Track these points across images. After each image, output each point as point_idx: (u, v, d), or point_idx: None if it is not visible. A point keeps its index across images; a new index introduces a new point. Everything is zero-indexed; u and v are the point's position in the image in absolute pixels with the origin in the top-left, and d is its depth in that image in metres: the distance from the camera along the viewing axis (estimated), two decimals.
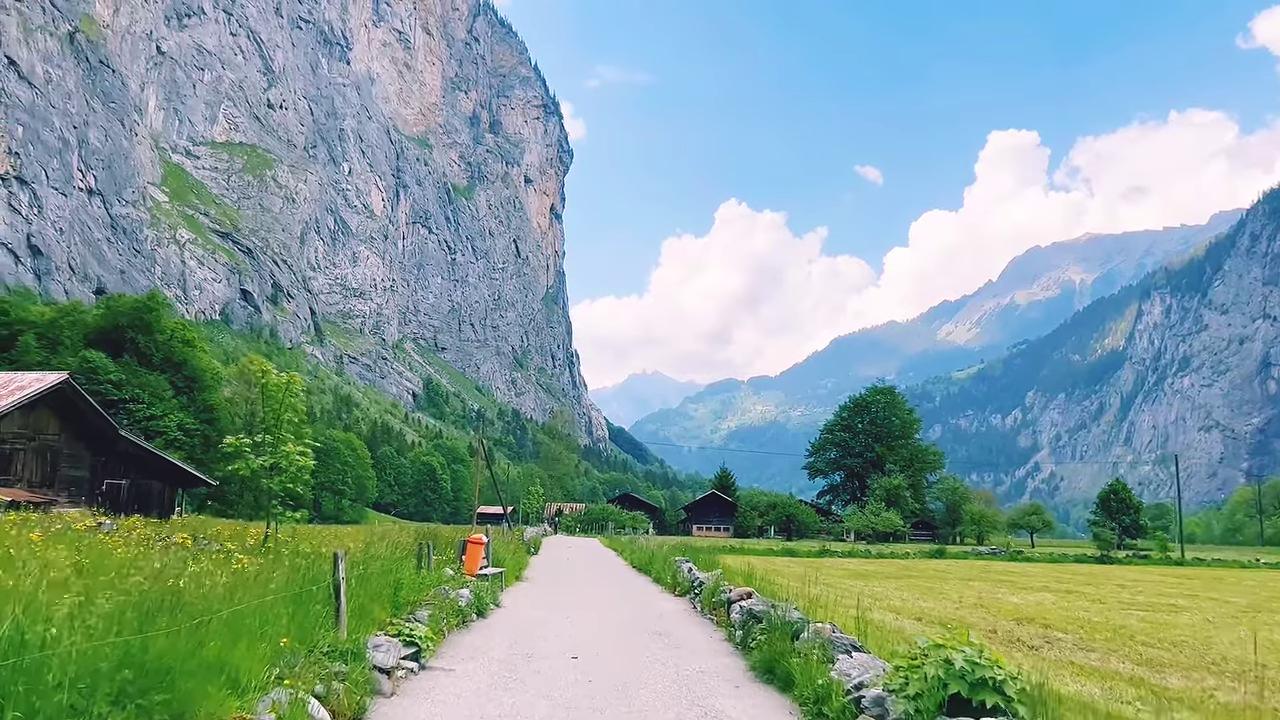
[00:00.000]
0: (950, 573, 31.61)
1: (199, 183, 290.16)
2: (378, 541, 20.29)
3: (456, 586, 14.25)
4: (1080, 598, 21.65)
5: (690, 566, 20.60)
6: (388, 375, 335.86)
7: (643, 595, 19.59)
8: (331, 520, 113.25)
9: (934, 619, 15.28)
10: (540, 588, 20.39)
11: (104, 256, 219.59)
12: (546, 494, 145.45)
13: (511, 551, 26.90)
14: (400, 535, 25.34)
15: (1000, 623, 15.19)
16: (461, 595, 13.23)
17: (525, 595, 18.21)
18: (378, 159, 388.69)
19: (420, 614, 10.01)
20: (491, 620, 13.56)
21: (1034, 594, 22.27)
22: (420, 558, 14.51)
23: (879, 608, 16.01)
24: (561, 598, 17.99)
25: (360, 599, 8.74)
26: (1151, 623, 15.94)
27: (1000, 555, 54.70)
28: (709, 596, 15.11)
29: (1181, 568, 48.11)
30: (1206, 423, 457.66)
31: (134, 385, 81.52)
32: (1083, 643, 12.61)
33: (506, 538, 33.93)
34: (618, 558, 36.11)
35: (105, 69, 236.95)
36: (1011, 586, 25.19)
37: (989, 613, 16.81)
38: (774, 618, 9.36)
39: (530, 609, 15.60)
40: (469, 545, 17.74)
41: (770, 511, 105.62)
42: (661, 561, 24.95)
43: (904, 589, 23.04)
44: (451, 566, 17.34)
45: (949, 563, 42.49)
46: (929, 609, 16.94)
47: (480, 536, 18.44)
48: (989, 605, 18.32)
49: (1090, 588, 25.96)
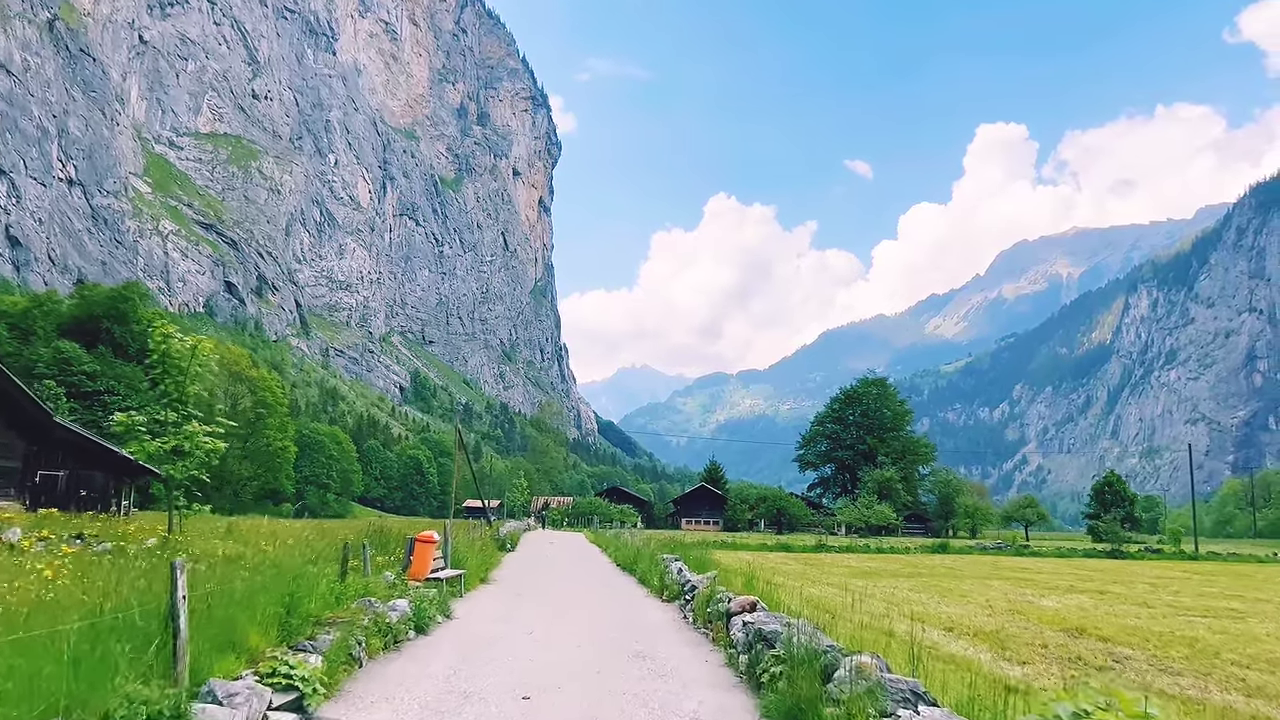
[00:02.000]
0: (961, 570, 29.41)
1: (182, 174, 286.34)
2: (316, 539, 17.94)
3: (393, 596, 12.09)
4: (1118, 600, 19.64)
5: (680, 567, 18.34)
6: (374, 368, 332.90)
7: (625, 601, 17.37)
8: (316, 514, 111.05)
9: (971, 630, 13.31)
10: (506, 593, 18.12)
11: (85, 248, 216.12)
12: (534, 488, 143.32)
13: (478, 550, 23.81)
14: (343, 532, 22.51)
15: (1046, 634, 13.16)
16: (395, 608, 11.04)
17: (486, 603, 16.00)
18: (364, 151, 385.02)
19: (323, 638, 7.73)
20: (434, 638, 11.36)
21: (1066, 596, 20.19)
22: (346, 561, 11.96)
23: (897, 614, 13.88)
24: (528, 605, 15.76)
25: (220, 626, 6.39)
26: (1224, 634, 13.82)
27: (1006, 550, 52.52)
28: (703, 605, 12.87)
29: (1197, 562, 46.27)
30: (1193, 416, 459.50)
31: (109, 376, 79.10)
32: (1159, 662, 10.57)
33: (475, 533, 30.53)
34: (601, 554, 33.75)
35: (86, 57, 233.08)
36: (1035, 586, 23.04)
37: (1027, 620, 14.81)
38: (795, 646, 6.93)
39: (487, 621, 13.36)
40: (417, 545, 15.09)
41: (761, 505, 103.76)
42: (648, 560, 22.53)
43: (918, 590, 20.83)
44: (394, 570, 15.00)
45: (954, 558, 40.47)
46: (958, 617, 14.90)
47: (431, 534, 15.65)
48: (1023, 611, 16.31)
49: (1120, 587, 23.85)
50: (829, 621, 10.10)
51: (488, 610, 14.89)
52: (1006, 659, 10.49)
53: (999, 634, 12.93)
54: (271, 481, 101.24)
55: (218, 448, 17.14)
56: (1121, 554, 51.22)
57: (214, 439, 17.60)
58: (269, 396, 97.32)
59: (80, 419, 78.87)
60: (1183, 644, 12.39)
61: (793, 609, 10.05)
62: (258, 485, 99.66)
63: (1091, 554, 51.55)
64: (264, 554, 13.50)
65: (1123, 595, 20.84)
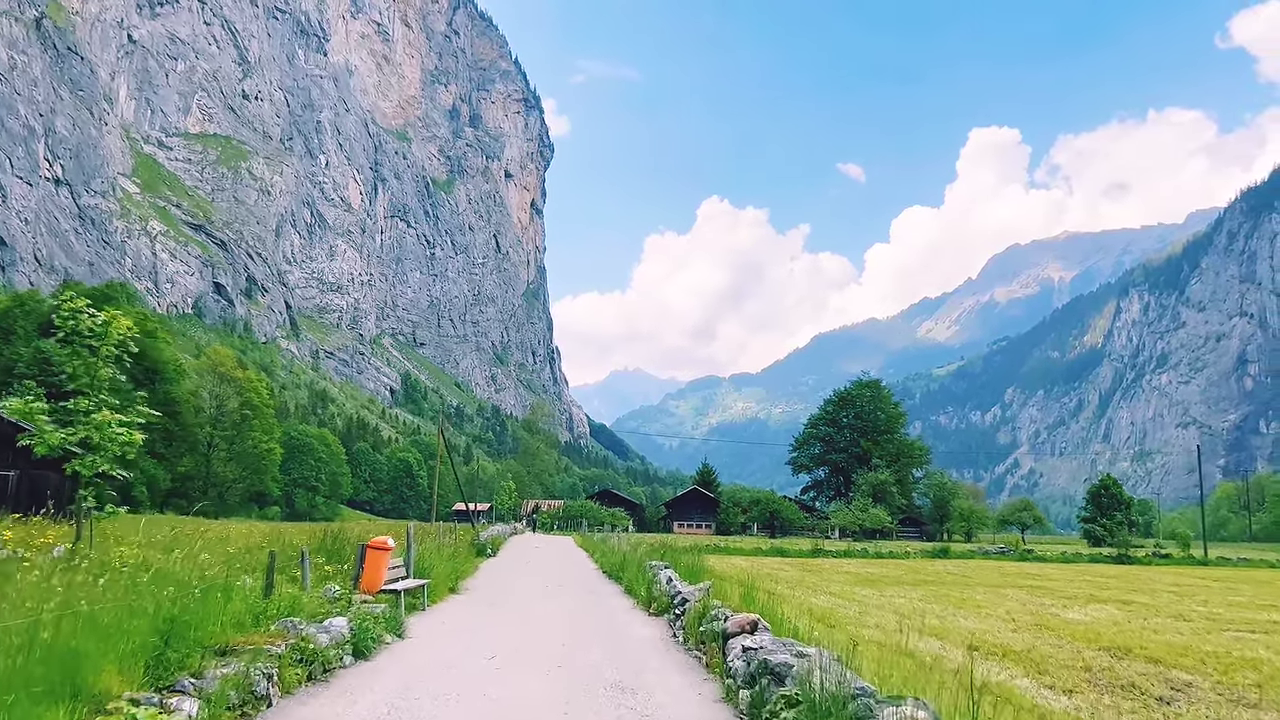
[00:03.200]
0: (969, 577, 27.95)
1: (171, 174, 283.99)
2: (272, 544, 16.35)
3: (331, 613, 10.34)
4: (1148, 611, 18.34)
5: (670, 575, 16.45)
6: (365, 370, 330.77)
7: (608, 614, 15.63)
8: (304, 518, 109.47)
9: (998, 649, 11.93)
10: (476, 605, 16.38)
11: (71, 248, 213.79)
12: (525, 491, 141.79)
13: (449, 556, 21.34)
14: (302, 537, 20.55)
15: (1086, 654, 11.74)
16: (329, 628, 9.31)
17: (450, 617, 14.27)
18: (355, 152, 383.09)
19: (213, 674, 6.14)
20: (376, 665, 9.63)
21: (1090, 607, 18.91)
22: (272, 573, 10.15)
23: (912, 630, 12.54)
24: (498, 620, 14.10)
25: (60, 663, 4.93)
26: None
27: (1009, 555, 50.98)
28: (695, 622, 11.17)
29: (1209, 568, 44.93)
30: (1184, 419, 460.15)
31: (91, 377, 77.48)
32: (1225, 688, 9.23)
33: (447, 539, 28.26)
34: (588, 560, 31.98)
35: (74, 56, 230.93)
36: (1054, 596, 21.61)
37: (1058, 637, 13.45)
38: (815, 689, 5.36)
39: (445, 641, 11.70)
40: (369, 552, 13.32)
41: (753, 508, 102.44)
42: (635, 567, 20.74)
43: (929, 600, 19.42)
44: (343, 582, 13.25)
45: (957, 564, 39.07)
46: (980, 632, 13.52)
47: (386, 540, 13.79)
48: (1050, 625, 14.96)
49: (1143, 596, 22.48)
50: (851, 656, 8.68)
51: (450, 626, 13.30)
52: (1048, 686, 9.24)
53: (1031, 654, 11.66)
54: (257, 484, 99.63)
55: (134, 440, 14.70)
56: (1129, 559, 49.89)
57: (130, 429, 14.79)
58: (254, 397, 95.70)
59: (61, 420, 77.44)
60: (1246, 667, 11.09)
61: (801, 631, 8.67)
62: (244, 488, 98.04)
63: (1098, 559, 50.18)
64: (192, 564, 11.74)
65: (1150, 606, 19.49)
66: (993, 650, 11.87)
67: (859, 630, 11.36)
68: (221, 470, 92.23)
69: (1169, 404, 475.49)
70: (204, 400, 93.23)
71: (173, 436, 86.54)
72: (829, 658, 5.83)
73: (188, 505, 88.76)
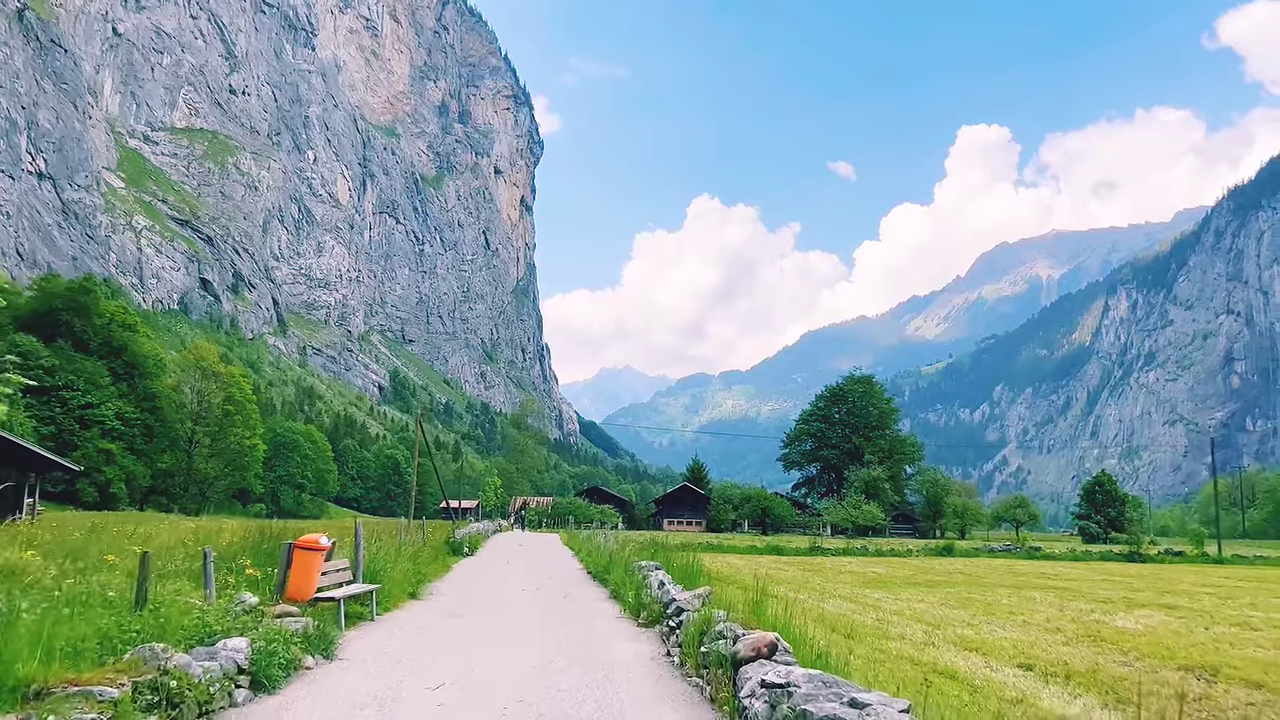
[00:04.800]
0: (982, 577, 26.42)
1: (157, 169, 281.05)
2: (201, 543, 14.85)
3: (230, 631, 8.38)
4: (1203, 618, 16.88)
5: (662, 578, 14.19)
6: (353, 367, 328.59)
7: (590, 625, 13.45)
8: (290, 515, 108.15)
9: (1056, 668, 10.16)
10: (435, 615, 14.11)
11: (54, 242, 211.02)
12: (514, 488, 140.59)
13: (410, 557, 18.91)
14: (229, 535, 18.44)
15: (1168, 675, 10.02)
16: (218, 653, 7.47)
17: (398, 632, 12.08)
18: (344, 147, 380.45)
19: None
20: (277, 703, 7.58)
21: (1138, 613, 17.36)
22: (144, 581, 8.12)
23: (945, 642, 11.12)
24: (455, 636, 11.98)
25: None
26: None
27: (1015, 552, 49.63)
28: (694, 639, 9.11)
29: (1226, 566, 43.42)
30: (1171, 417, 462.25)
31: (68, 371, 76.15)
32: None
33: (408, 536, 25.60)
34: (573, 559, 29.94)
35: (57, 49, 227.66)
36: (1086, 599, 19.88)
37: (1120, 652, 11.84)
38: None
39: (381, 666, 9.53)
40: (296, 553, 11.30)
41: (745, 505, 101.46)
42: (622, 568, 18.58)
43: (950, 604, 17.90)
44: (263, 590, 11.24)
45: (964, 562, 37.82)
46: (1025, 645, 11.78)
47: (318, 538, 11.79)
48: (1104, 637, 13.31)
49: (1182, 599, 21.17)
50: (848, 658, 7.52)
51: (397, 643, 11.17)
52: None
53: (1099, 676, 9.95)
54: (240, 481, 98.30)
55: None
56: (1141, 556, 48.70)
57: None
58: (237, 393, 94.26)
59: (37, 415, 75.90)
60: None
61: (833, 658, 7.10)
62: (226, 484, 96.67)
63: (1108, 557, 48.77)
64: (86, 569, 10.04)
65: (1200, 611, 18.19)
66: (1051, 670, 10.19)
67: (883, 643, 10.05)
68: (203, 467, 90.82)
69: (1156, 402, 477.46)
70: (186, 395, 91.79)
71: (153, 432, 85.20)
72: (898, 711, 4.13)
73: (169, 502, 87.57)
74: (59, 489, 70.15)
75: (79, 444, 72.44)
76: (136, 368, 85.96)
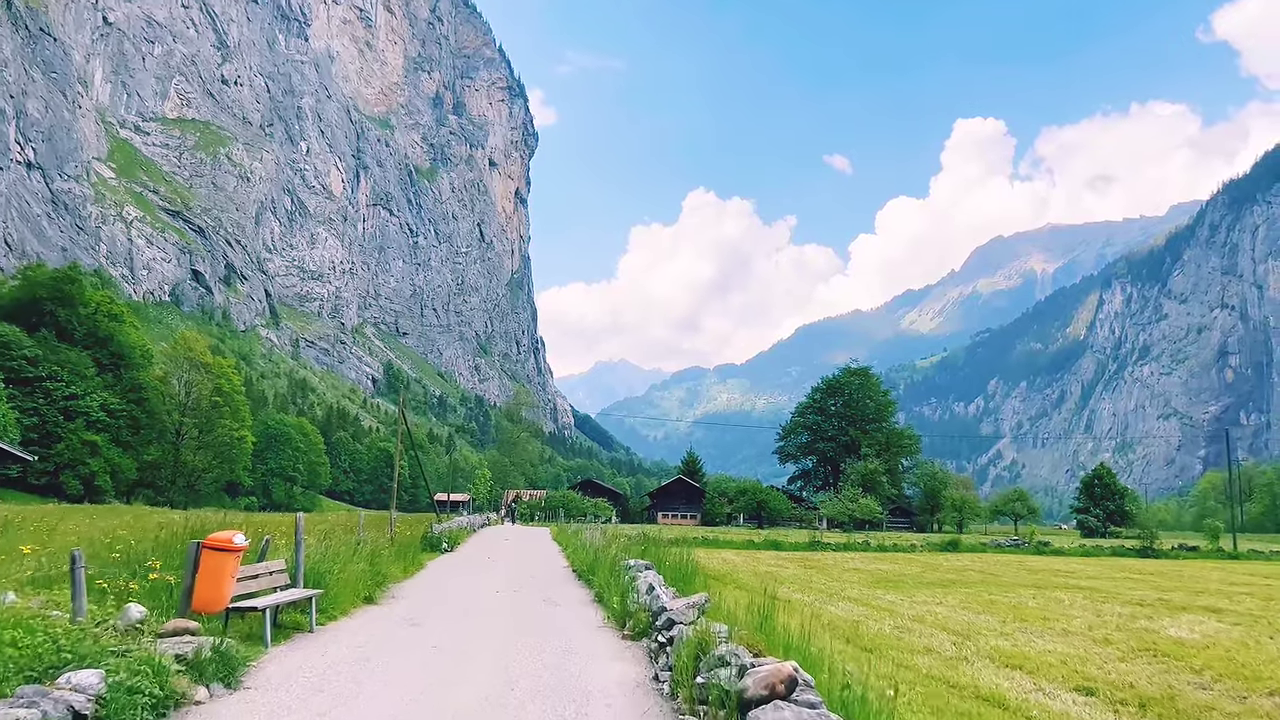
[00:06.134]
0: (997, 575, 24.81)
1: (148, 160, 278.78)
2: (114, 541, 13.15)
3: (80, 659, 6.52)
4: (1255, 624, 15.36)
5: (652, 581, 12.40)
6: (346, 360, 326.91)
7: (565, 638, 11.47)
8: (282, 508, 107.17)
9: (1126, 694, 8.69)
10: (387, 626, 12.04)
11: (44, 233, 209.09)
12: (506, 481, 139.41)
13: (368, 556, 16.77)
14: (167, 531, 15.85)
15: (1262, 704, 8.64)
16: (48, 699, 5.62)
17: (334, 649, 10.05)
18: (337, 139, 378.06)
19: None
20: None
21: (1186, 619, 15.84)
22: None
23: (980, 656, 9.55)
24: (403, 655, 9.93)
25: None
26: None
27: (1024, 547, 48.23)
28: (690, 664, 7.35)
29: (1244, 562, 42.15)
30: (1165, 410, 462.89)
31: (51, 362, 74.81)
32: None
33: (365, 533, 22.98)
34: (560, 556, 28.06)
35: (46, 37, 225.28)
36: (1120, 601, 18.83)
37: (1191, 670, 10.22)
38: None
39: (293, 698, 7.65)
40: (204, 554, 9.29)
41: (740, 498, 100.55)
42: (608, 568, 16.60)
43: (972, 609, 16.51)
44: (155, 599, 9.48)
45: (973, 558, 36.48)
46: (1074, 660, 10.26)
47: (230, 536, 9.59)
48: (1163, 649, 11.71)
49: (1220, 600, 19.79)
50: (872, 676, 6.37)
51: (327, 663, 9.08)
52: None
53: (1175, 701, 8.54)
54: (229, 473, 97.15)
55: None
56: (1155, 552, 47.70)
57: None
58: (225, 384, 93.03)
59: (20, 406, 74.63)
60: None
61: (868, 696, 5.80)
62: (214, 477, 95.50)
63: (1120, 552, 47.59)
64: None
65: (1246, 614, 16.95)
66: (1119, 696, 8.66)
67: (908, 658, 8.88)
68: (191, 459, 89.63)
69: (1150, 395, 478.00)
70: (173, 387, 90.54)
71: (139, 424, 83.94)
72: None
73: (156, 495, 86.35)
74: (42, 481, 68.96)
75: (62, 435, 71.22)
76: (122, 358, 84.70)
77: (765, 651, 6.60)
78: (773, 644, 7.18)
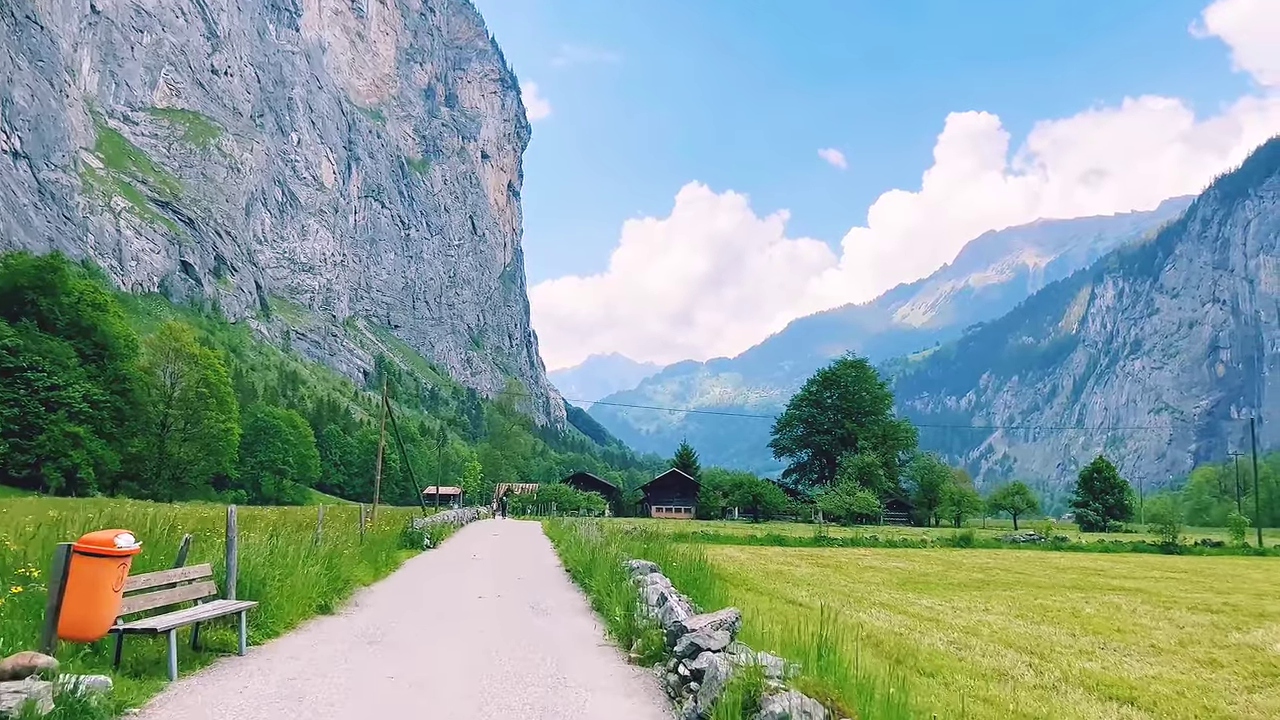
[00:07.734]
0: (1029, 575, 23.41)
1: (137, 150, 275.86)
2: None
3: None
4: None
5: (662, 590, 10.47)
6: (337, 352, 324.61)
7: (555, 661, 9.49)
8: (271, 501, 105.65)
9: None
10: (336, 645, 9.94)
11: (30, 223, 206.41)
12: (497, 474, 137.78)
13: (324, 556, 14.05)
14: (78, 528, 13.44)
15: None
16: None
17: (256, 680, 7.85)
18: (328, 130, 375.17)
19: None
20: None
21: (1276, 628, 14.36)
22: None
23: (1071, 684, 8.15)
24: (339, 691, 7.67)
25: None
26: None
27: (1041, 543, 46.30)
28: (735, 717, 5.38)
29: (1268, 558, 40.81)
30: (1156, 405, 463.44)
31: (33, 352, 72.97)
32: None
33: (329, 528, 20.32)
34: (551, 552, 25.94)
35: (33, 25, 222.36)
36: (1189, 608, 17.22)
37: None
38: None
39: None
40: (75, 561, 6.92)
41: (735, 491, 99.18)
42: (607, 569, 14.71)
43: (1025, 616, 14.70)
44: (25, 616, 7.58)
45: (990, 554, 34.65)
46: (1193, 690, 8.59)
47: (111, 537, 7.06)
48: None
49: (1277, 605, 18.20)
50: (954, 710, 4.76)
51: (243, 704, 6.97)
52: None
53: None
54: (215, 466, 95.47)
55: None
56: (1177, 548, 46.32)
57: None
58: (212, 375, 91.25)
59: (0, 397, 72.84)
60: None
61: None
62: (201, 470, 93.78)
63: (1142, 548, 45.85)
64: None
65: None
66: None
67: (979, 685, 7.13)
68: (177, 452, 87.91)
69: (1142, 390, 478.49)
70: (159, 378, 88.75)
71: (123, 416, 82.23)
72: None
73: (140, 488, 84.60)
74: (23, 474, 67.21)
75: (44, 427, 69.49)
76: (106, 349, 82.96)
77: (845, 709, 4.73)
78: (846, 691, 5.25)
